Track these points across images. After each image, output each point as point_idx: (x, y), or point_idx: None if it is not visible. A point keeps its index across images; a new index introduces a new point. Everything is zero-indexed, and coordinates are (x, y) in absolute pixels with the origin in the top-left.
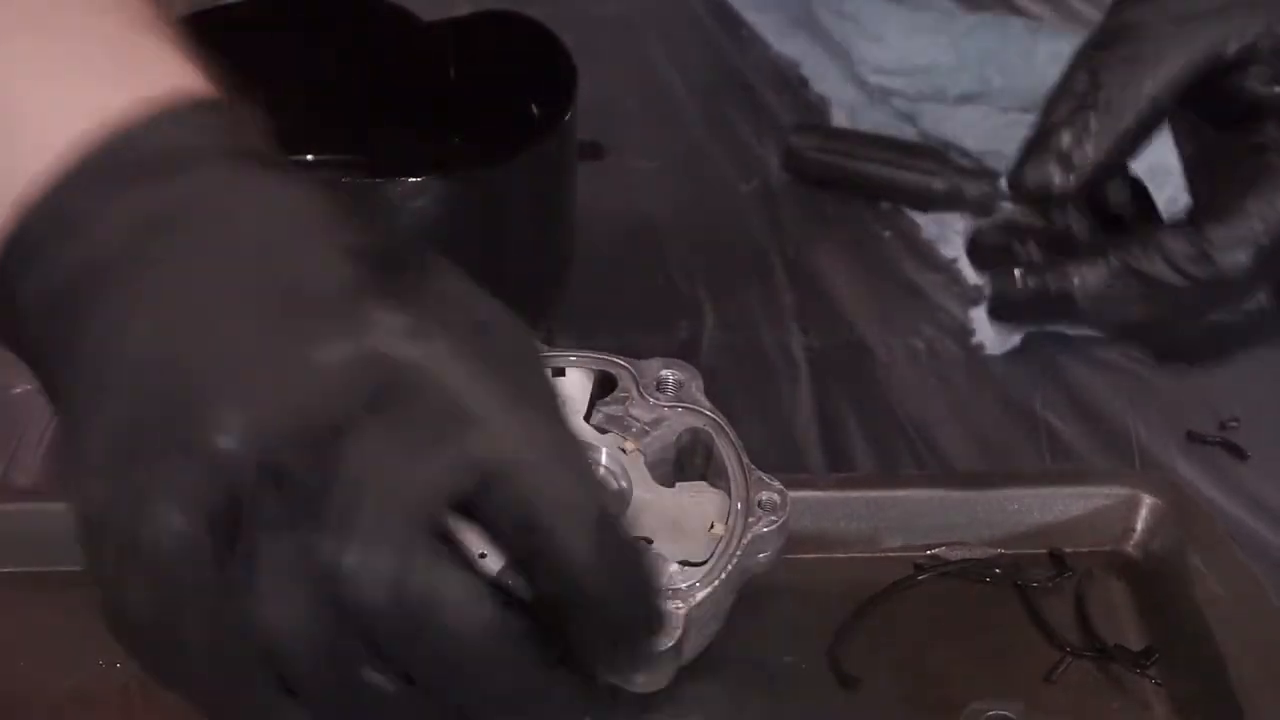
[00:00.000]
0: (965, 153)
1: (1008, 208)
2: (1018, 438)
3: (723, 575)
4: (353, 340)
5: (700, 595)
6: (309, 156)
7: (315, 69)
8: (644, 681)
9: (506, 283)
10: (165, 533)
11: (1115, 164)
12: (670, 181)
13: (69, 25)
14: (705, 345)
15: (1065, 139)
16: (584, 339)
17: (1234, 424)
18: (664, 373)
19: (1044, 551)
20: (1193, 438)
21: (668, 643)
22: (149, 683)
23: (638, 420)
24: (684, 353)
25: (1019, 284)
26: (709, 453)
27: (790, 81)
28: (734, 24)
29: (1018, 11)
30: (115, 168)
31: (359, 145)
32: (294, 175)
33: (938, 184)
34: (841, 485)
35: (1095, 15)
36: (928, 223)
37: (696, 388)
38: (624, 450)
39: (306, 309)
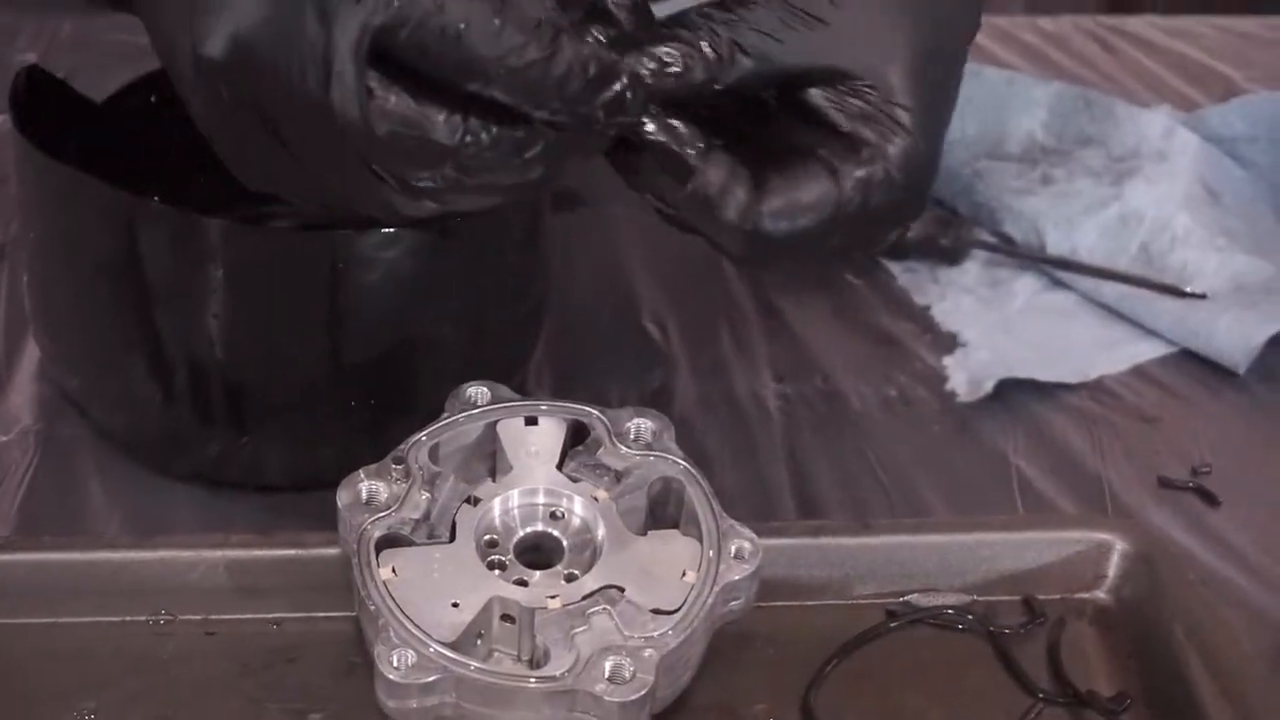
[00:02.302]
0: (938, 201)
1: None
2: (990, 484)
3: (695, 623)
4: None
5: (673, 643)
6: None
7: None
8: None
9: (480, 334)
10: None
11: None
12: (645, 229)
13: None
14: (678, 393)
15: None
16: (558, 388)
17: (1206, 470)
18: (636, 421)
19: (1016, 598)
20: (1165, 484)
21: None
22: None
23: (610, 469)
24: (657, 401)
25: None
26: (681, 501)
27: None
28: None
29: (991, 60)
30: None
31: None
32: None
33: (910, 232)
34: (814, 532)
35: (1071, 64)
36: (900, 271)
37: (668, 437)
38: (596, 499)
39: None
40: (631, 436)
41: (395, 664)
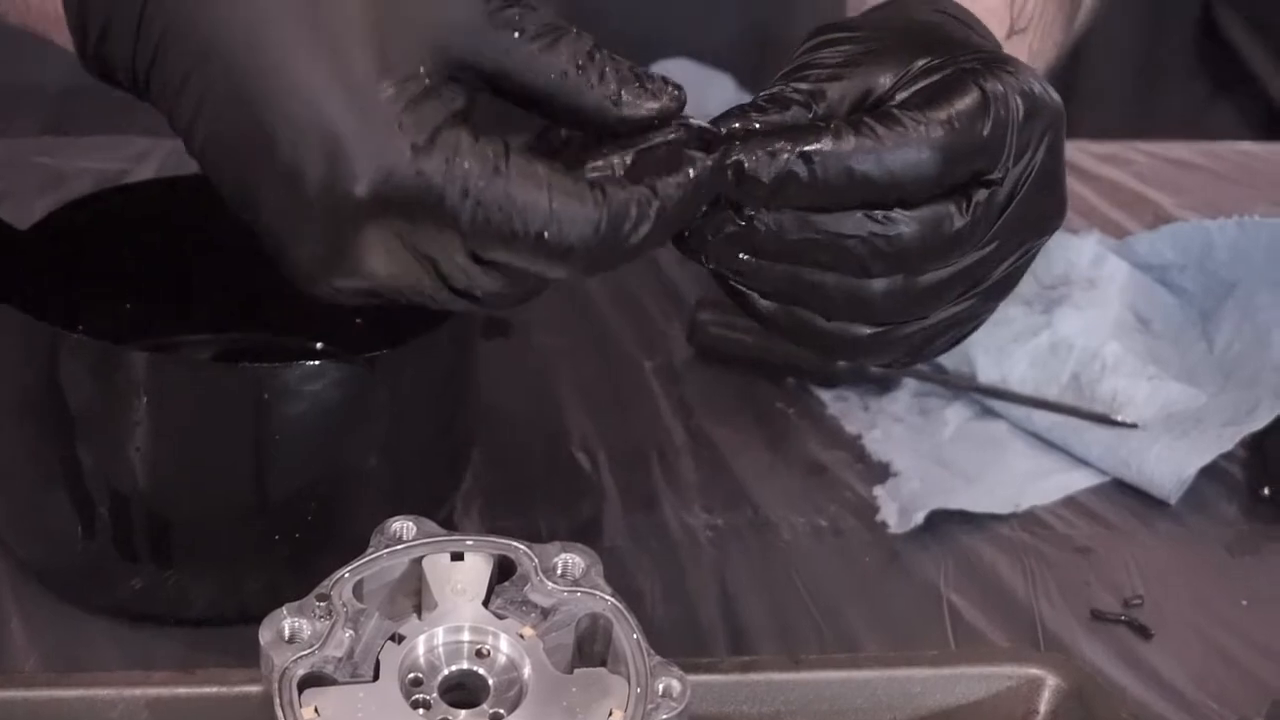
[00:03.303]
0: None
1: None
2: (921, 616)
3: None
4: None
5: None
6: (206, 336)
7: (217, 243)
8: None
9: (407, 466)
10: None
11: None
12: (576, 358)
13: None
14: (607, 524)
15: None
16: (487, 519)
17: (1138, 601)
18: (564, 557)
19: None
20: (1097, 616)
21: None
22: None
23: (537, 605)
24: (587, 532)
25: None
26: (609, 639)
27: None
28: None
29: None
30: None
31: (261, 321)
32: None
33: (842, 360)
34: (744, 668)
35: None
36: (832, 399)
37: (596, 572)
38: (523, 636)
39: None
40: (559, 572)
41: None
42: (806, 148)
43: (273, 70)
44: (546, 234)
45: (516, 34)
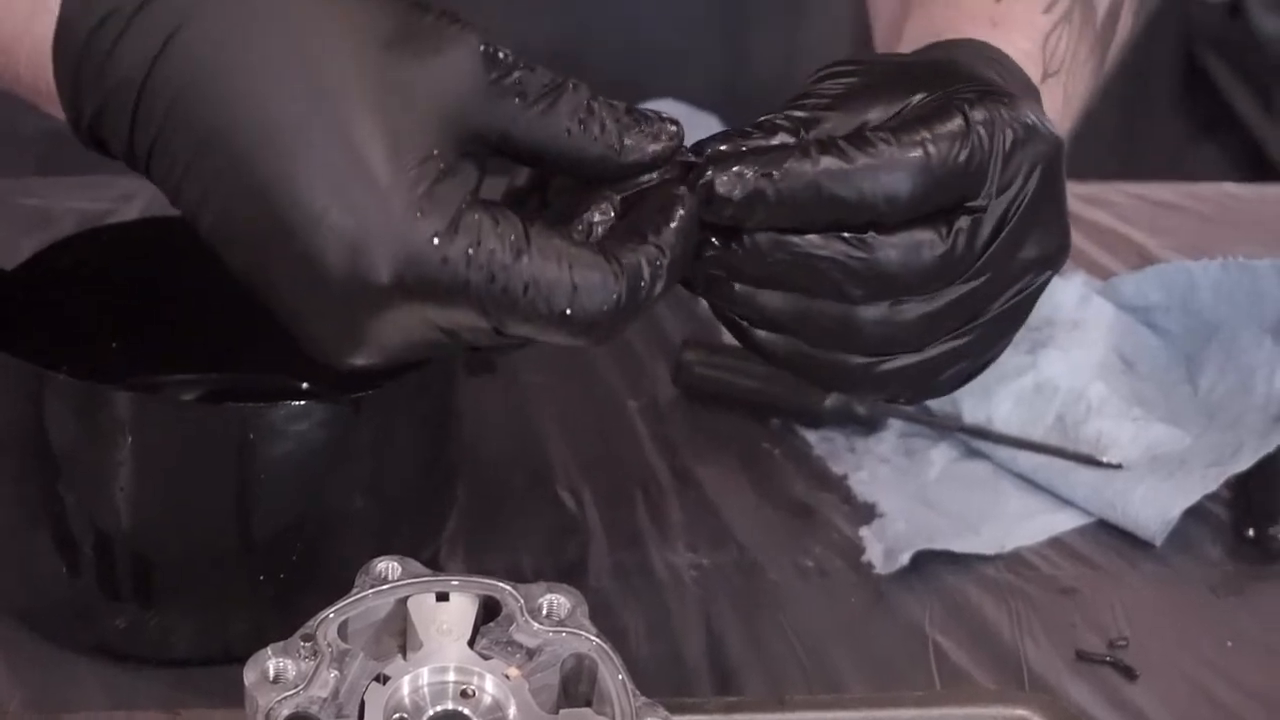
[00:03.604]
0: None
1: None
2: (907, 657)
3: None
4: None
5: None
6: (192, 375)
7: (202, 283)
8: None
9: (392, 506)
10: None
11: None
12: (561, 397)
13: None
14: (593, 564)
15: None
16: (472, 559)
17: (1123, 643)
18: (549, 597)
19: None
20: (1082, 657)
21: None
22: None
23: (522, 646)
24: (572, 572)
25: None
26: (594, 679)
27: (681, 296)
28: None
29: None
30: None
31: (246, 360)
32: None
33: (827, 400)
34: (729, 709)
35: None
36: (818, 440)
37: (582, 613)
38: (508, 677)
39: None
40: (544, 613)
41: None
42: (772, 168)
43: (284, 158)
44: (569, 310)
45: (519, 99)
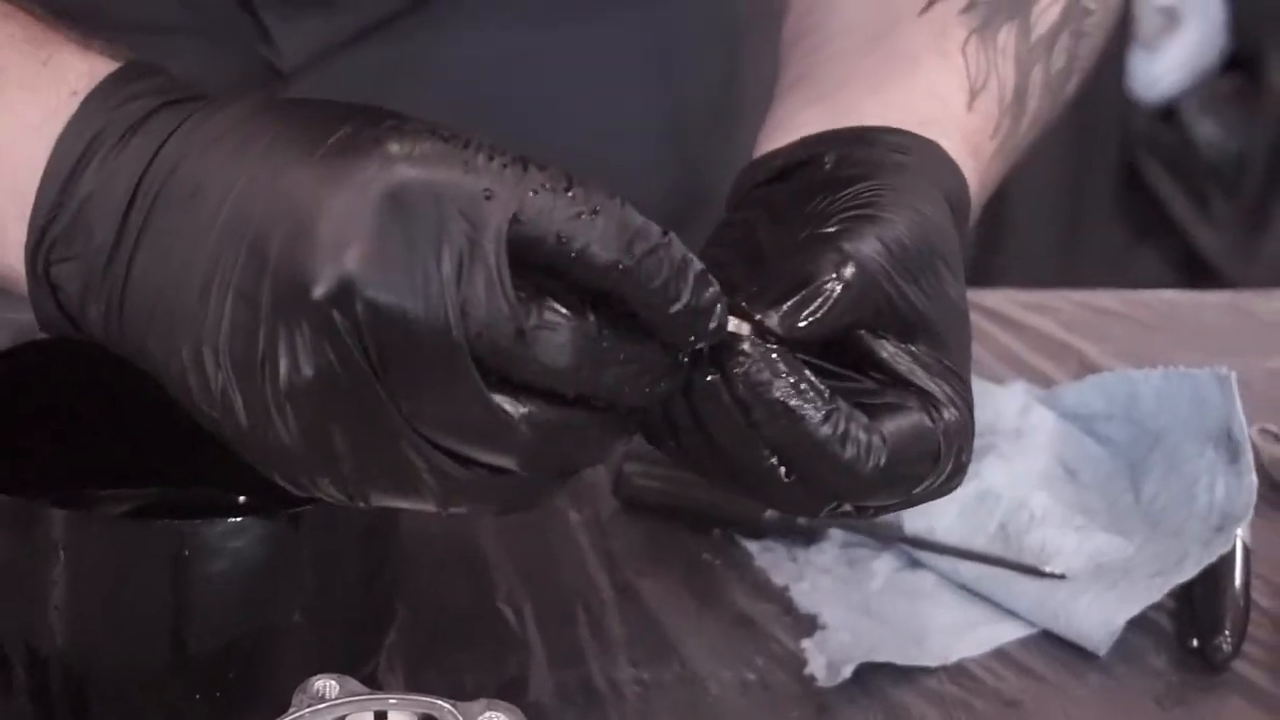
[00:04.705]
0: None
1: None
2: None
3: None
4: None
5: None
6: (127, 490)
7: (137, 397)
8: None
9: (330, 622)
10: None
11: None
12: None
13: None
14: (533, 680)
15: None
16: (411, 675)
17: None
18: (488, 715)
19: None
20: None
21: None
22: None
23: None
24: (513, 688)
25: None
26: None
27: None
28: None
29: None
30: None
31: (182, 473)
32: None
33: (769, 512)
34: None
35: None
36: (759, 550)
37: None
38: None
39: None
40: None
41: None
42: None
43: None
44: None
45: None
